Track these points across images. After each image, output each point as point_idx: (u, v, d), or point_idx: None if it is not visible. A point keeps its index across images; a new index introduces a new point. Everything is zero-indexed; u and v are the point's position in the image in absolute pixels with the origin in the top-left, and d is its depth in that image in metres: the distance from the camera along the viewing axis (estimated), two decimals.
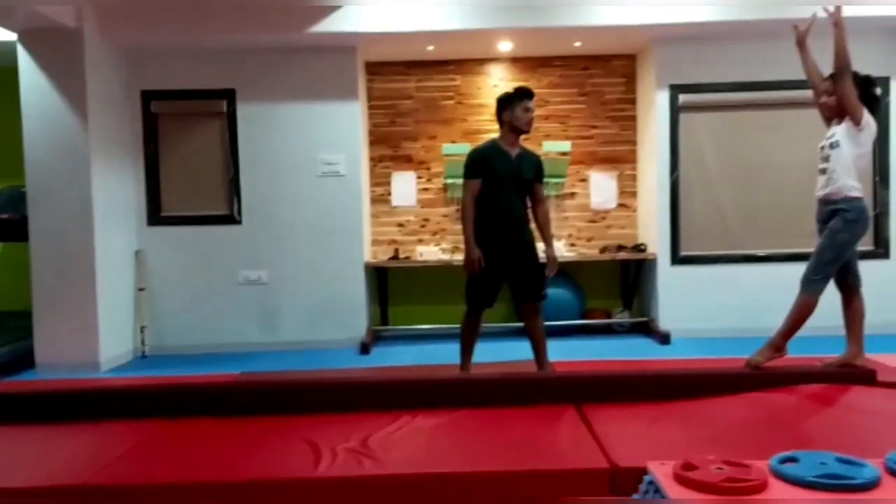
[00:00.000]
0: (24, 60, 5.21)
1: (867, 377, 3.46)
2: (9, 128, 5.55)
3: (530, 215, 4.21)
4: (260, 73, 5.91)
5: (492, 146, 4.12)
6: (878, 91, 4.33)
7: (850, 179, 3.57)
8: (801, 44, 3.87)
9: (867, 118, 3.58)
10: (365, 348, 5.71)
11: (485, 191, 4.02)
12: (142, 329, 5.83)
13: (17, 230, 5.48)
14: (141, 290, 5.86)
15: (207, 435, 3.00)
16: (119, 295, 5.64)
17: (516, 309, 6.02)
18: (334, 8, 5.45)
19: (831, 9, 3.59)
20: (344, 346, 5.84)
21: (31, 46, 5.20)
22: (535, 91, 6.38)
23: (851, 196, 3.57)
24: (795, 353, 3.85)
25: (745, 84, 5.90)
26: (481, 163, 4.04)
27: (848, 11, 5.40)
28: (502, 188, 4.01)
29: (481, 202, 4.04)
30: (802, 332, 3.71)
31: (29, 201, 5.28)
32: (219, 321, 5.94)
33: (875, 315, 5.78)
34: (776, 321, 6.04)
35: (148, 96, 5.89)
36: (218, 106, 5.91)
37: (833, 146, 3.64)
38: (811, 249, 3.79)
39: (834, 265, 3.58)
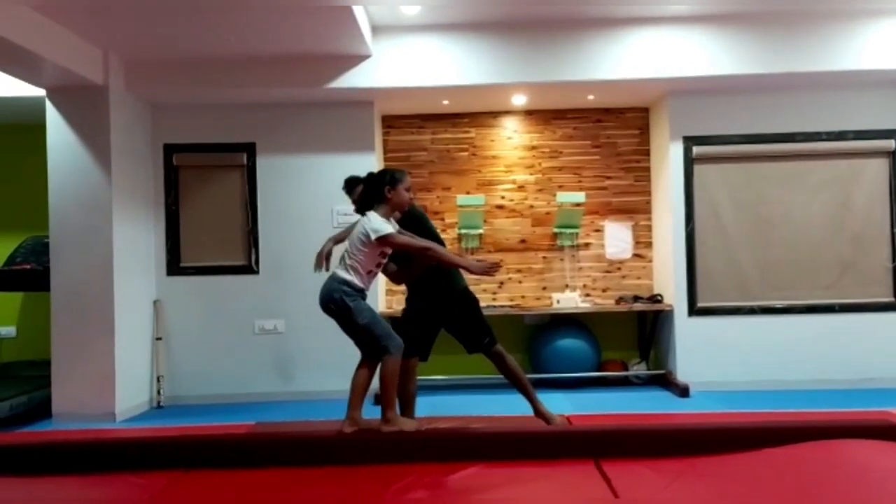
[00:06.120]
0: (52, 116, 5.36)
1: (892, 432, 3.38)
2: (35, 180, 5.68)
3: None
4: (280, 126, 6.05)
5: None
6: None
7: None
8: None
9: None
10: (379, 399, 5.66)
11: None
12: (158, 379, 5.84)
13: (38, 280, 5.55)
14: (158, 339, 5.89)
15: (224, 487, 2.98)
16: (137, 345, 5.67)
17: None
18: (352, 64, 5.59)
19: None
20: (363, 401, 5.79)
21: (58, 102, 5.36)
22: (549, 143, 6.53)
23: None
24: (819, 407, 3.80)
25: (758, 136, 5.95)
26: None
27: (854, 64, 5.53)
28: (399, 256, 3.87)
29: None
30: (827, 384, 3.66)
31: (52, 252, 5.37)
32: (234, 371, 5.94)
33: (894, 368, 5.74)
34: (795, 374, 5.99)
35: (170, 149, 6.03)
36: (238, 159, 6.03)
37: None
38: (828, 301, 3.76)
39: None
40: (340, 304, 3.55)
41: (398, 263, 3.92)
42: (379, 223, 3.53)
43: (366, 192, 3.68)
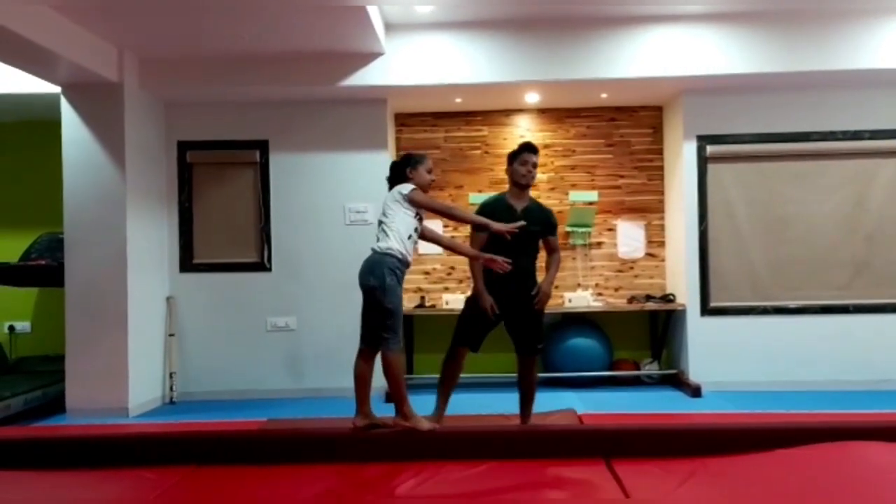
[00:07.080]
0: (67, 113, 5.40)
1: None
2: (50, 177, 5.73)
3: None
4: (293, 124, 6.06)
5: (497, 200, 4.10)
6: None
7: None
8: None
9: None
10: (390, 397, 5.67)
11: (490, 244, 3.94)
12: (171, 375, 5.87)
13: (53, 276, 5.60)
14: (171, 336, 5.92)
15: (235, 483, 3.00)
16: (149, 341, 5.70)
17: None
18: (366, 62, 5.60)
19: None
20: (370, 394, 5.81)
21: (73, 99, 5.40)
22: (562, 141, 6.51)
23: None
24: (833, 408, 3.77)
25: (772, 135, 5.90)
26: (485, 216, 3.96)
27: (870, 63, 5.46)
28: (505, 241, 3.88)
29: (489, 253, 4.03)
30: (841, 386, 3.63)
31: (66, 248, 5.41)
32: (246, 367, 5.97)
33: None
34: (809, 375, 5.94)
35: (184, 146, 6.06)
36: (251, 156, 6.05)
37: None
38: (843, 302, 3.72)
39: None
40: (380, 278, 3.53)
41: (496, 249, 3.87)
42: (406, 185, 3.64)
43: (391, 178, 3.80)
